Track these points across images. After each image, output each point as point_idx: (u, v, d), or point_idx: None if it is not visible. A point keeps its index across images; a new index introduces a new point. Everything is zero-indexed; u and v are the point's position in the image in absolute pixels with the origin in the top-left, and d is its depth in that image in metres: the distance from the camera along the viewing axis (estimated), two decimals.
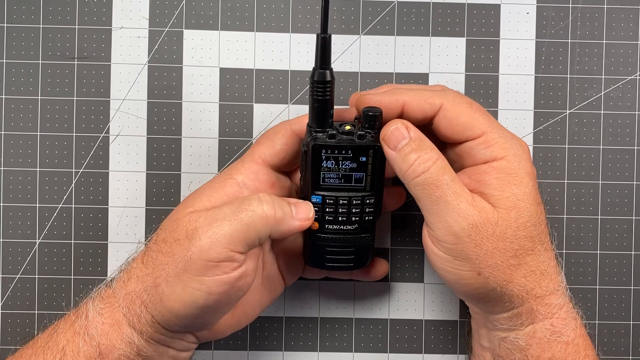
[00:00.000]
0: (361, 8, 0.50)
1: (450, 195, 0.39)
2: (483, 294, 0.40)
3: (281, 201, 0.41)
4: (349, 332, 0.51)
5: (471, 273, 0.40)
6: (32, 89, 0.50)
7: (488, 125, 0.41)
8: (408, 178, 0.40)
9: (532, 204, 0.41)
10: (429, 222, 0.41)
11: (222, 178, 0.43)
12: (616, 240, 0.50)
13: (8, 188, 0.50)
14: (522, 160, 0.41)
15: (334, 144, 0.41)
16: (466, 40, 0.50)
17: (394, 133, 0.41)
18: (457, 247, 0.40)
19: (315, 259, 0.45)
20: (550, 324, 0.41)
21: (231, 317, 0.44)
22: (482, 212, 0.39)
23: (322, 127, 0.41)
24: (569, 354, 0.41)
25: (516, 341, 0.41)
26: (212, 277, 0.39)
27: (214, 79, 0.50)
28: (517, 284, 0.40)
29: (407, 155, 0.40)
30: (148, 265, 0.41)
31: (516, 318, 0.41)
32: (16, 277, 0.50)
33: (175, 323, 0.40)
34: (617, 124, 0.50)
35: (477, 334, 0.45)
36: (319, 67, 0.40)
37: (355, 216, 0.43)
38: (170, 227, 0.41)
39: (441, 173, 0.40)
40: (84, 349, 0.40)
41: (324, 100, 0.40)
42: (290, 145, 0.44)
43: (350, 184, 0.43)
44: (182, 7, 0.50)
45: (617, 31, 0.50)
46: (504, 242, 0.40)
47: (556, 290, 0.41)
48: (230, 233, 0.39)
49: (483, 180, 0.41)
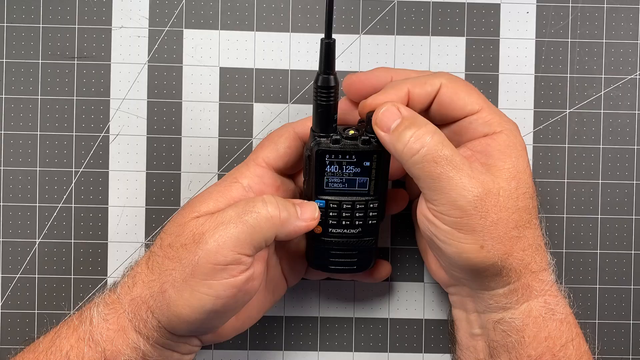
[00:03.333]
0: (361, 8, 0.50)
1: (452, 171, 0.39)
2: (482, 268, 0.40)
3: (286, 202, 0.41)
4: (349, 331, 0.51)
5: (474, 246, 0.39)
6: (32, 88, 0.50)
7: (484, 102, 0.42)
8: (405, 157, 0.39)
9: (529, 177, 0.41)
10: (430, 198, 0.40)
11: (228, 182, 0.43)
12: (616, 240, 0.50)
13: (8, 188, 0.50)
14: (517, 135, 0.42)
15: (337, 149, 0.41)
16: (466, 39, 0.50)
17: (385, 115, 0.40)
18: (463, 220, 0.39)
19: (319, 262, 0.45)
20: (544, 301, 0.41)
21: (235, 320, 0.44)
22: (484, 183, 0.39)
23: (325, 131, 0.41)
24: (563, 332, 0.41)
25: (512, 321, 0.41)
26: (220, 281, 0.39)
27: (214, 78, 0.50)
28: (516, 257, 0.40)
29: (401, 134, 0.39)
30: (154, 271, 0.40)
31: (512, 294, 0.41)
32: (16, 277, 0.50)
33: (182, 328, 0.40)
34: (617, 124, 0.50)
35: (465, 322, 0.45)
36: (323, 72, 0.40)
37: (358, 220, 0.43)
38: (176, 232, 0.41)
39: (440, 147, 0.39)
40: (88, 355, 0.40)
41: (327, 106, 0.40)
42: (293, 148, 0.44)
43: (354, 189, 0.42)
44: (182, 6, 0.50)
45: (617, 31, 0.50)
46: (506, 212, 0.39)
47: (547, 267, 0.42)
48: (237, 235, 0.39)
49: (485, 151, 0.41)
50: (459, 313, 0.45)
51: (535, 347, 0.41)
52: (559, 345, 0.41)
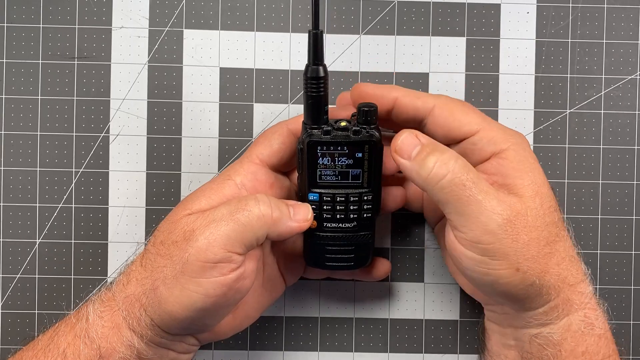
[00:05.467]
0: (361, 8, 0.50)
1: (480, 194, 0.38)
2: (522, 289, 0.39)
3: (279, 202, 0.41)
4: (349, 332, 0.51)
5: (509, 270, 0.39)
6: (32, 88, 0.50)
7: (483, 120, 0.41)
8: (431, 183, 0.39)
9: (549, 188, 0.41)
10: (459, 226, 0.39)
11: (221, 179, 0.43)
12: (616, 240, 0.50)
13: (8, 188, 0.50)
14: (525, 147, 0.41)
15: (329, 140, 0.41)
16: (466, 39, 0.50)
17: (404, 142, 0.40)
18: (495, 245, 0.38)
19: (315, 259, 0.45)
20: (584, 315, 0.40)
21: (232, 319, 0.44)
22: (512, 206, 0.39)
23: (317, 123, 0.41)
24: (601, 348, 0.40)
25: (550, 336, 0.40)
26: (209, 279, 0.39)
27: (214, 78, 0.50)
28: (552, 274, 0.40)
29: (424, 160, 0.39)
30: (147, 268, 0.41)
31: (552, 311, 0.40)
32: (16, 277, 0.50)
33: (174, 326, 0.40)
34: (617, 124, 0.50)
35: (498, 334, 0.44)
36: (312, 63, 0.40)
37: (353, 213, 0.43)
38: (168, 229, 0.41)
39: (465, 171, 0.39)
40: (84, 352, 0.40)
41: (318, 97, 0.40)
42: (287, 144, 0.44)
43: (347, 181, 0.42)
44: (182, 6, 0.50)
45: (617, 31, 0.50)
46: (537, 231, 0.39)
47: (584, 278, 0.41)
48: (227, 233, 0.39)
49: (499, 172, 0.40)
50: (493, 326, 0.45)
51: None
52: None
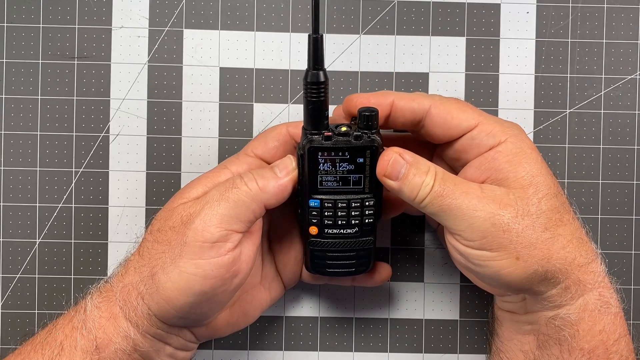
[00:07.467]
0: (361, 8, 0.50)
1: (460, 198, 0.40)
2: (526, 279, 0.40)
3: (261, 170, 0.42)
4: (349, 332, 0.51)
5: (509, 260, 0.40)
6: (32, 88, 0.50)
7: (480, 115, 0.42)
8: (418, 202, 0.41)
9: (547, 176, 0.41)
10: (452, 229, 0.41)
11: (216, 169, 0.44)
12: (616, 240, 0.50)
13: (8, 188, 0.50)
14: (523, 138, 0.42)
15: (330, 146, 0.41)
16: (466, 39, 0.50)
17: (393, 166, 0.41)
18: (488, 239, 0.39)
19: (316, 266, 0.45)
20: (599, 294, 0.41)
21: (230, 315, 0.44)
22: (496, 199, 0.40)
23: (317, 129, 0.41)
24: (617, 327, 0.41)
25: (567, 317, 0.41)
26: (208, 260, 0.39)
27: (214, 78, 0.50)
28: (558, 258, 0.40)
29: (411, 182, 0.40)
30: (144, 256, 0.41)
31: (565, 292, 0.41)
32: (16, 277, 0.50)
33: (171, 315, 0.40)
34: (617, 124, 0.50)
35: (511, 321, 0.44)
36: (312, 68, 0.40)
37: (354, 219, 0.43)
38: (164, 217, 0.42)
39: (442, 182, 0.40)
40: (81, 343, 0.40)
41: (318, 102, 0.40)
42: (283, 145, 0.44)
43: (349, 187, 0.42)
44: (182, 6, 0.50)
45: (617, 31, 0.50)
46: (530, 218, 0.40)
47: (595, 258, 0.41)
48: (221, 212, 0.40)
49: (494, 167, 0.41)
50: (506, 314, 0.45)
51: (589, 340, 0.41)
52: (612, 340, 0.41)
